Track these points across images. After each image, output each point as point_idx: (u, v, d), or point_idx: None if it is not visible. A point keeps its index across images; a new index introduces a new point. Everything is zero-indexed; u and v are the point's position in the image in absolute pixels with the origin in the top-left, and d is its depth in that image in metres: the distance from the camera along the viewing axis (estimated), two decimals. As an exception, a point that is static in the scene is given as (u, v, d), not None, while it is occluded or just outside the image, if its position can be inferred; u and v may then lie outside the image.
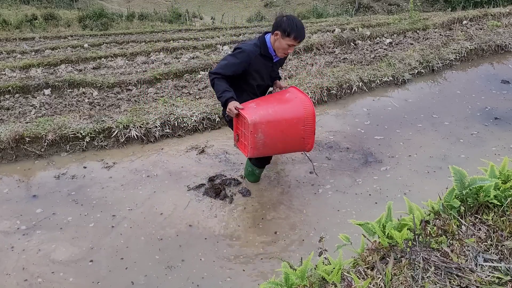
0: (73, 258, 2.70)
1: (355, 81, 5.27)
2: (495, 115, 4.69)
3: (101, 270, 2.61)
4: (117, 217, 3.08)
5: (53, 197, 3.31)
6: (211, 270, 2.62)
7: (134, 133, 4.10)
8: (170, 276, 2.56)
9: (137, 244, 2.82)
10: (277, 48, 2.92)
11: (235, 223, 3.03)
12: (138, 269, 2.62)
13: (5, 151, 3.79)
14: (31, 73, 6.20)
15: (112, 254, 2.73)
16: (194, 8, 23.57)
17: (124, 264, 2.65)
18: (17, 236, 2.88)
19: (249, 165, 3.35)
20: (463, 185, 1.70)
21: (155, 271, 2.60)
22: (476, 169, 1.95)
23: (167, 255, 2.73)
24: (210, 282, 2.52)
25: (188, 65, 6.33)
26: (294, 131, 2.85)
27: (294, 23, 2.80)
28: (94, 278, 2.54)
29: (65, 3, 22.16)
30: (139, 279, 2.54)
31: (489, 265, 1.43)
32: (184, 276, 2.56)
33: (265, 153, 2.97)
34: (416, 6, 9.42)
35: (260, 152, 2.86)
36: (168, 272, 2.59)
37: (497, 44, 6.72)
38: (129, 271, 2.60)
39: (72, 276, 2.56)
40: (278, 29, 2.83)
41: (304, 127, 2.85)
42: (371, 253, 1.54)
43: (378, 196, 3.29)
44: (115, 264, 2.65)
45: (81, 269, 2.61)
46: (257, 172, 3.38)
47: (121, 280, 2.53)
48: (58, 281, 2.52)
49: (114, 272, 2.59)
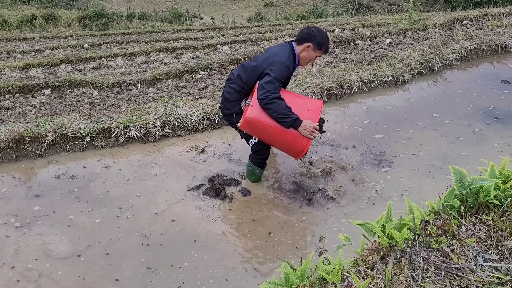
0: (65, 254, 2.71)
1: (355, 81, 5.27)
2: (497, 114, 4.70)
3: (90, 266, 2.62)
4: (115, 216, 3.08)
5: (53, 196, 3.31)
6: (209, 271, 2.61)
7: (134, 133, 4.10)
8: (174, 274, 2.56)
9: (131, 243, 2.82)
10: (304, 58, 3.02)
11: (235, 223, 3.03)
12: (129, 266, 2.62)
13: (5, 151, 3.79)
14: (31, 73, 6.20)
15: (103, 251, 2.74)
16: (194, 8, 23.58)
17: (113, 262, 2.65)
18: (13, 232, 2.88)
19: (250, 164, 3.35)
20: (463, 185, 1.70)
21: (152, 269, 2.60)
22: (483, 163, 1.94)
23: (168, 255, 2.73)
24: (208, 284, 2.52)
25: (188, 65, 6.33)
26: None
27: (326, 37, 2.97)
28: (81, 273, 2.56)
29: (65, 3, 22.18)
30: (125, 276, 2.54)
31: (489, 265, 1.43)
32: (176, 277, 2.56)
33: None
34: (416, 6, 9.42)
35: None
36: (171, 270, 2.59)
37: (497, 44, 6.72)
38: (115, 269, 2.60)
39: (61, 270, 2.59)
40: (311, 42, 2.94)
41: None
42: (371, 253, 1.54)
43: (377, 196, 3.29)
44: (104, 261, 2.66)
45: (70, 264, 2.63)
46: (258, 171, 3.38)
47: (105, 277, 2.54)
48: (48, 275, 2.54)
49: (102, 269, 2.59)
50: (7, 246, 2.79)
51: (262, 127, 2.93)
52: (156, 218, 3.06)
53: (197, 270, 2.61)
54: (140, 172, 3.64)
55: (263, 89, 2.83)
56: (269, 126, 2.90)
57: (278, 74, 2.87)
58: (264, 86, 2.83)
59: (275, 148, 3.34)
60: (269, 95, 2.79)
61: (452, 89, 5.46)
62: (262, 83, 2.85)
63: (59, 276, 2.55)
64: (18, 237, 2.86)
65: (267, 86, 2.82)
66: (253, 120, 2.91)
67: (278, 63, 2.91)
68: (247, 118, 2.91)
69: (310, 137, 2.86)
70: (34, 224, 3.00)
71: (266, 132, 2.96)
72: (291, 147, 2.98)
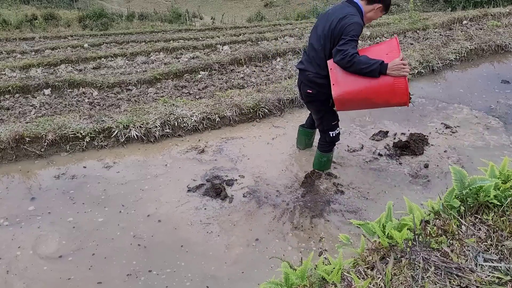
0: (58, 254, 2.73)
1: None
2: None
3: (76, 267, 2.64)
4: (114, 217, 3.08)
5: (51, 196, 3.31)
6: (207, 274, 2.61)
7: (134, 133, 4.10)
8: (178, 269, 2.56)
9: (124, 244, 2.82)
10: (370, 18, 3.07)
11: (235, 223, 3.03)
12: (124, 266, 2.62)
13: (5, 151, 3.79)
14: (31, 73, 6.20)
15: (95, 253, 2.74)
16: (194, 8, 23.58)
17: (106, 260, 2.65)
18: (10, 229, 2.89)
19: (322, 155, 3.50)
20: (463, 185, 1.70)
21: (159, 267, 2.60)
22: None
23: (168, 254, 2.73)
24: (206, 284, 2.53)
25: (188, 65, 6.33)
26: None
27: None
28: (67, 274, 2.57)
29: (65, 3, 22.17)
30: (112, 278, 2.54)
31: (489, 265, 1.43)
32: (184, 274, 2.56)
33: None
34: (416, 6, 9.44)
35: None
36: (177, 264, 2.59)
37: (497, 44, 6.72)
38: (116, 267, 2.60)
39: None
40: (382, 3, 2.98)
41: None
42: (371, 253, 1.54)
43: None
44: (94, 262, 2.67)
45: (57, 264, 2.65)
46: (331, 156, 3.58)
47: (90, 279, 2.54)
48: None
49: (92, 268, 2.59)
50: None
51: (354, 95, 2.87)
52: (156, 218, 3.06)
53: (197, 270, 2.62)
54: (140, 172, 3.64)
55: (339, 51, 2.82)
56: (360, 90, 2.85)
57: (354, 34, 2.86)
58: (339, 48, 2.83)
59: (380, 108, 3.22)
60: (348, 52, 2.78)
61: (453, 88, 5.46)
62: (337, 47, 2.86)
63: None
64: (15, 234, 2.87)
65: (343, 47, 2.81)
66: (342, 95, 2.86)
67: (353, 24, 2.87)
68: (337, 98, 2.87)
69: (403, 74, 2.77)
70: (29, 223, 3.00)
71: (361, 98, 2.89)
72: (392, 95, 2.86)
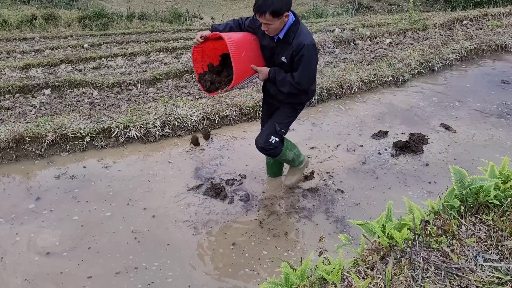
0: (56, 249, 2.75)
1: (355, 81, 5.27)
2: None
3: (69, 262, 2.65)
4: (112, 216, 3.08)
5: (51, 195, 3.31)
6: (205, 274, 2.62)
7: (134, 133, 4.10)
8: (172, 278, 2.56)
9: (121, 242, 2.82)
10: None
11: (235, 223, 3.03)
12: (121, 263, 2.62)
13: (5, 151, 3.79)
14: (31, 73, 6.20)
15: (95, 249, 2.74)
16: (194, 8, 23.57)
17: (103, 258, 2.65)
18: (8, 226, 2.89)
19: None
20: (463, 185, 1.70)
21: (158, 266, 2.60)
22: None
23: (167, 253, 2.73)
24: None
25: (188, 65, 6.33)
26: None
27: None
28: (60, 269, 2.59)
29: (65, 3, 22.15)
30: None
31: (489, 265, 1.43)
32: (175, 276, 2.56)
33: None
34: (416, 6, 9.43)
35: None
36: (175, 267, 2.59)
37: (497, 44, 6.73)
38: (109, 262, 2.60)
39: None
40: None
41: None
42: (371, 253, 1.54)
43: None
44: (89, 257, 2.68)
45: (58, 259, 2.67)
46: (296, 151, 3.22)
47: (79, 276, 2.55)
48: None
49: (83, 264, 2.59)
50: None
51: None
52: (155, 219, 3.06)
53: (197, 270, 2.62)
54: (140, 172, 3.64)
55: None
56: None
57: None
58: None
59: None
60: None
61: (453, 88, 5.46)
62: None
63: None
64: (14, 232, 2.88)
65: None
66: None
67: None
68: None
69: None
70: (28, 221, 3.00)
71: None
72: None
